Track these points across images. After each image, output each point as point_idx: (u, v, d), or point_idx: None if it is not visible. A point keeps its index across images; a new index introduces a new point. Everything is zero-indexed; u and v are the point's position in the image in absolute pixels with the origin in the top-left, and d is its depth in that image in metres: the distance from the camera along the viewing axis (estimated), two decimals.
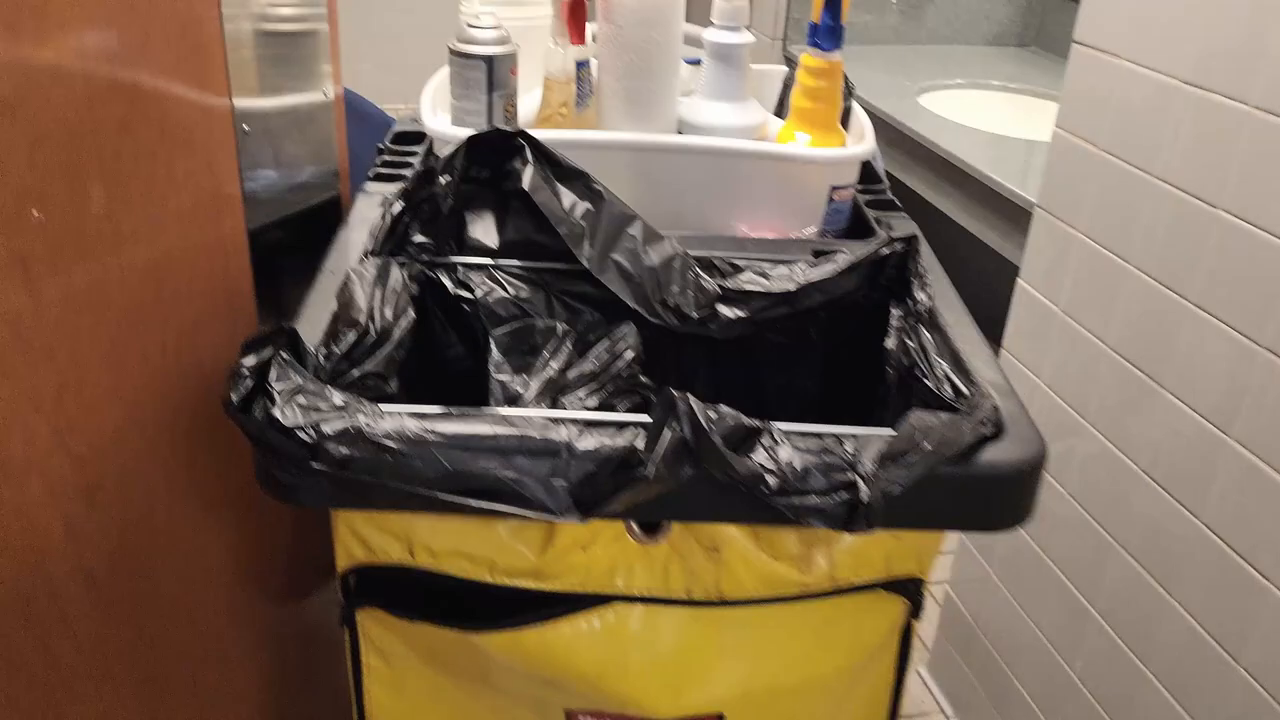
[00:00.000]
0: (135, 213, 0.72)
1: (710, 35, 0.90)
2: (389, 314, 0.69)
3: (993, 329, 0.80)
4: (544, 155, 0.80)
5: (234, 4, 0.81)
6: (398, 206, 0.79)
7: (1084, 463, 1.22)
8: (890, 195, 0.98)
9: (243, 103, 0.83)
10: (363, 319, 0.67)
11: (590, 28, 0.94)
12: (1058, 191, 1.26)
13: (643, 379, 0.77)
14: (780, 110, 1.06)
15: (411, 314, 0.71)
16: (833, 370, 0.85)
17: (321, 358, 0.65)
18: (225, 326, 0.85)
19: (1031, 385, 1.31)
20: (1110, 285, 1.17)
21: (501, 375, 0.77)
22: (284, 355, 0.59)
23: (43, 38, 0.62)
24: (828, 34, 0.87)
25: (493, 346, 0.78)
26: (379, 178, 0.95)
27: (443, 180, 0.80)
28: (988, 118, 1.80)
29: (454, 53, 0.89)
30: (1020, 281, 1.35)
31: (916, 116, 1.75)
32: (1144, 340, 1.13)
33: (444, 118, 0.95)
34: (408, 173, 0.96)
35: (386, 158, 0.99)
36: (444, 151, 0.82)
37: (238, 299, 0.87)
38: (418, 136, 1.04)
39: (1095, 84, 1.18)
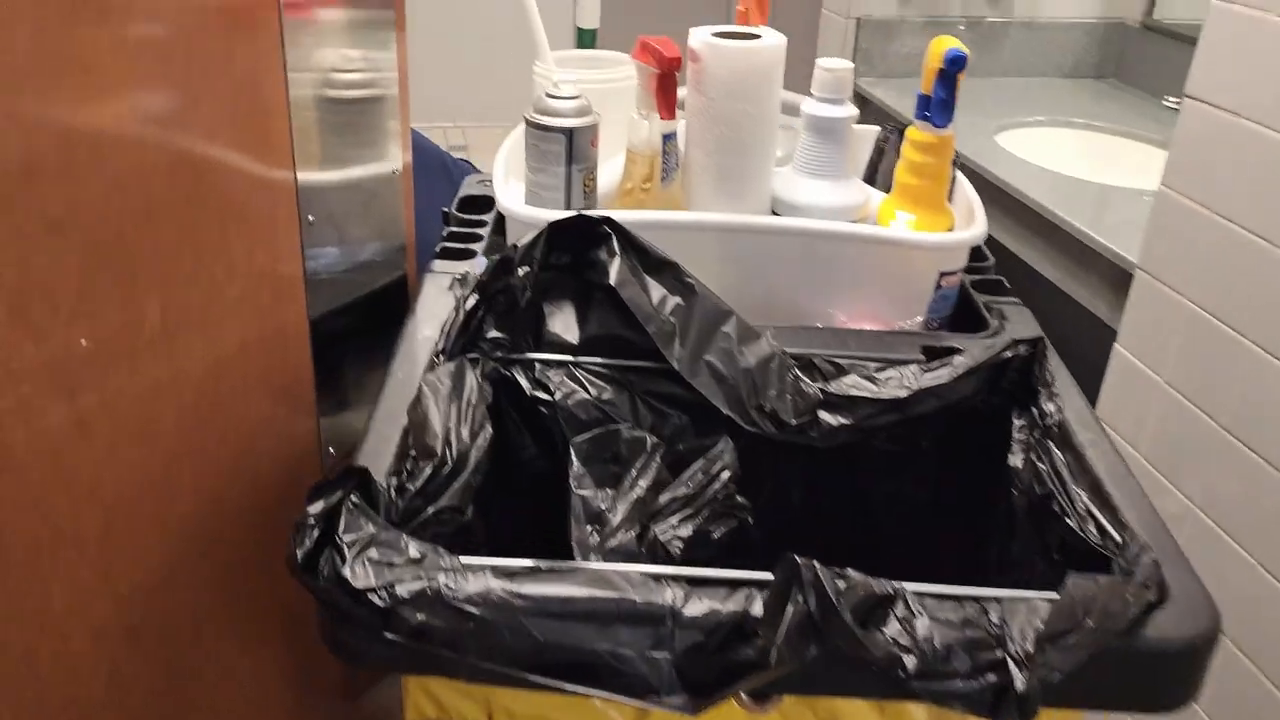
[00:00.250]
0: (192, 312, 0.66)
1: (809, 108, 0.82)
2: (465, 435, 0.63)
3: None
4: (631, 244, 0.73)
5: (299, 67, 0.74)
6: (472, 300, 0.72)
7: (1185, 546, 1.14)
8: (997, 275, 0.90)
9: (306, 177, 0.77)
10: (438, 446, 0.61)
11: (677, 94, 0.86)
12: (1162, 253, 1.18)
13: (739, 499, 0.69)
14: (872, 177, 0.98)
15: (489, 430, 0.65)
16: (945, 478, 0.77)
17: (394, 491, 0.58)
18: (285, 423, 0.78)
19: (1127, 457, 1.22)
20: (1220, 357, 1.08)
21: (584, 490, 0.70)
22: (354, 500, 0.53)
23: (98, 110, 0.56)
24: (941, 108, 0.79)
25: (573, 457, 0.71)
26: (446, 254, 0.88)
27: (521, 271, 0.73)
28: (1071, 160, 1.70)
29: (531, 124, 0.82)
30: (1118, 347, 1.26)
31: (995, 158, 1.66)
32: (1257, 418, 1.04)
33: (517, 187, 0.88)
34: (476, 246, 0.90)
35: (454, 229, 0.92)
36: (517, 232, 0.76)
37: (297, 387, 0.81)
38: (486, 202, 0.97)
39: (1208, 142, 1.10)
